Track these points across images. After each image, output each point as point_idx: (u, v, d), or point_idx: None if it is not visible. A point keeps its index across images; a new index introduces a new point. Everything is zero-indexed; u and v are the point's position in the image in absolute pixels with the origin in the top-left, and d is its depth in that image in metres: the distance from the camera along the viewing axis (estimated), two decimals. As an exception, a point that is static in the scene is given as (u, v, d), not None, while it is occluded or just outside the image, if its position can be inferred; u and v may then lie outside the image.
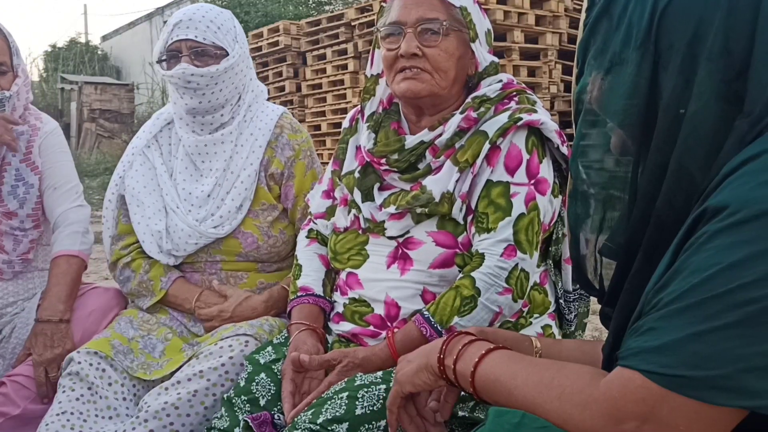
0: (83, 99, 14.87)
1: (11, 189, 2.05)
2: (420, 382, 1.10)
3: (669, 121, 0.81)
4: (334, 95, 8.54)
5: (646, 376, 0.74)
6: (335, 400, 1.34)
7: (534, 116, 1.52)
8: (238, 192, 1.89)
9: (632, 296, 0.83)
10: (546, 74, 7.44)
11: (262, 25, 11.03)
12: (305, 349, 1.53)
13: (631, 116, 0.85)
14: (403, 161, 1.57)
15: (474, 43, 1.56)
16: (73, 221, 2.09)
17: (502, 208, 1.48)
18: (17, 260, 2.08)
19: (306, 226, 1.84)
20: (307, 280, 1.71)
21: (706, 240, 0.73)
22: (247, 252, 1.90)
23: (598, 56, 0.89)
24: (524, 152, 1.51)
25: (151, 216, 1.91)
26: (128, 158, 2.01)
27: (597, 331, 3.29)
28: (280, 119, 1.97)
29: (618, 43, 0.86)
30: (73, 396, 1.67)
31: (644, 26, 0.83)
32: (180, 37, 1.83)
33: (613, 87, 0.86)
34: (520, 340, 1.18)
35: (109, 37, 24.87)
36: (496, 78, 1.61)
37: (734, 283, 0.70)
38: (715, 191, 0.75)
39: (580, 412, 0.81)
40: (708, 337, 0.71)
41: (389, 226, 1.56)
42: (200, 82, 1.83)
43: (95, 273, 4.78)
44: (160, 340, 1.86)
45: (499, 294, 1.44)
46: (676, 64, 0.81)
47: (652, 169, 0.83)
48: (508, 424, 1.04)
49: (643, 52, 0.83)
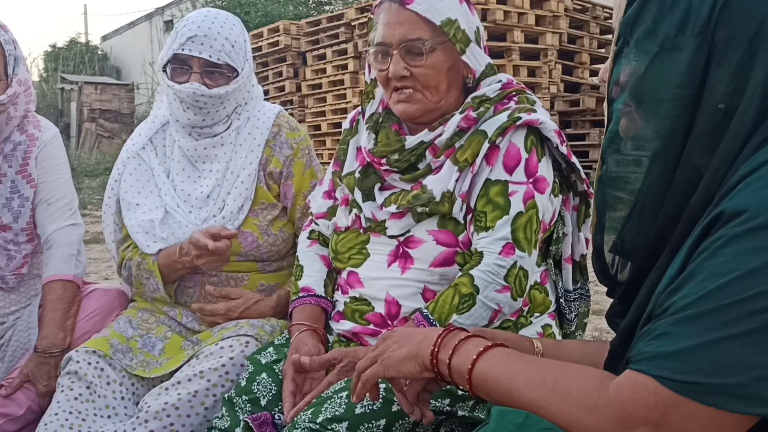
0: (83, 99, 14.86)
1: (6, 201, 1.98)
2: (405, 370, 1.06)
3: (713, 118, 0.78)
4: (334, 95, 8.54)
5: (660, 382, 0.73)
6: (335, 399, 1.34)
7: (533, 116, 1.51)
8: (239, 192, 1.88)
9: (649, 296, 0.81)
10: (546, 74, 7.44)
11: (262, 25, 11.03)
12: (306, 350, 1.53)
13: (678, 107, 0.80)
14: (403, 161, 1.57)
15: (465, 54, 1.54)
16: (67, 242, 2.03)
17: (500, 206, 1.48)
18: (10, 275, 2.02)
19: (307, 227, 1.84)
20: (309, 280, 1.71)
21: (723, 244, 0.71)
22: (248, 251, 1.89)
23: (645, 37, 0.83)
24: (523, 151, 1.51)
25: (145, 212, 1.89)
26: (123, 161, 1.98)
27: (597, 331, 3.29)
28: (277, 118, 1.96)
29: (672, 26, 0.81)
30: (71, 395, 1.66)
31: (705, 13, 0.78)
32: (193, 53, 1.79)
33: (662, 73, 0.81)
34: (520, 341, 1.17)
35: (109, 37, 24.87)
36: (496, 78, 1.61)
37: (753, 290, 0.69)
38: (731, 193, 0.74)
39: (588, 415, 0.79)
40: (725, 344, 0.69)
41: (390, 225, 1.56)
42: (208, 102, 1.82)
43: (95, 273, 4.78)
44: (160, 338, 1.85)
45: (497, 292, 1.44)
46: (735, 58, 0.77)
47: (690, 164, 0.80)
48: (511, 424, 1.02)
49: (701, 40, 0.78)
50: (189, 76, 1.81)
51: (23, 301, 2.07)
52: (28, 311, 2.04)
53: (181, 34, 1.80)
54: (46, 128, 2.09)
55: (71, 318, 1.96)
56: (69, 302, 1.97)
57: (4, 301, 2.04)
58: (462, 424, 1.40)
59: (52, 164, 2.06)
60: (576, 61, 7.93)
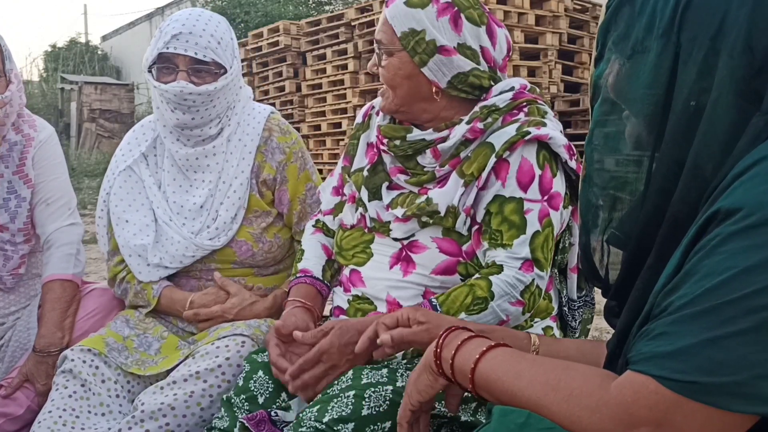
0: (83, 99, 14.87)
1: (3, 202, 1.97)
2: (422, 386, 1.08)
3: (684, 115, 0.80)
4: (334, 95, 8.53)
5: (660, 382, 0.73)
6: (341, 399, 1.33)
7: (542, 130, 1.48)
8: (231, 202, 1.85)
9: (642, 294, 0.82)
10: (546, 74, 7.44)
11: (262, 25, 11.03)
12: (293, 321, 1.55)
13: (648, 106, 0.83)
14: (400, 149, 1.57)
15: (426, 67, 1.51)
16: (66, 242, 2.02)
17: (516, 225, 1.47)
18: (8, 276, 2.02)
19: (314, 216, 1.85)
20: (308, 263, 1.74)
21: (719, 243, 0.71)
22: (242, 260, 1.88)
23: (619, 42, 0.87)
24: (536, 167, 1.48)
25: (136, 233, 1.87)
26: (113, 173, 1.94)
27: (597, 332, 3.29)
28: (267, 121, 1.92)
29: (641, 29, 0.84)
30: (65, 393, 1.66)
31: (668, 15, 0.81)
32: (178, 51, 1.75)
33: (634, 74, 0.85)
34: (518, 337, 1.18)
35: (109, 37, 24.88)
36: (509, 84, 1.57)
37: (749, 288, 0.69)
38: (726, 191, 0.74)
39: (590, 415, 0.79)
40: (723, 342, 0.69)
41: (394, 227, 1.56)
42: (197, 100, 1.77)
43: (95, 273, 4.78)
44: (156, 338, 1.84)
45: (511, 304, 1.44)
46: (698, 58, 0.79)
47: (666, 163, 0.82)
48: (513, 424, 1.02)
49: (665, 41, 0.81)
50: (175, 75, 1.77)
51: (22, 302, 2.07)
52: (28, 311, 2.04)
53: (165, 32, 1.76)
54: (42, 128, 2.07)
55: (70, 317, 1.95)
56: (68, 302, 1.96)
57: (4, 301, 2.04)
58: (463, 425, 1.39)
59: (50, 164, 2.05)
60: (576, 61, 7.93)
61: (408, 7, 1.50)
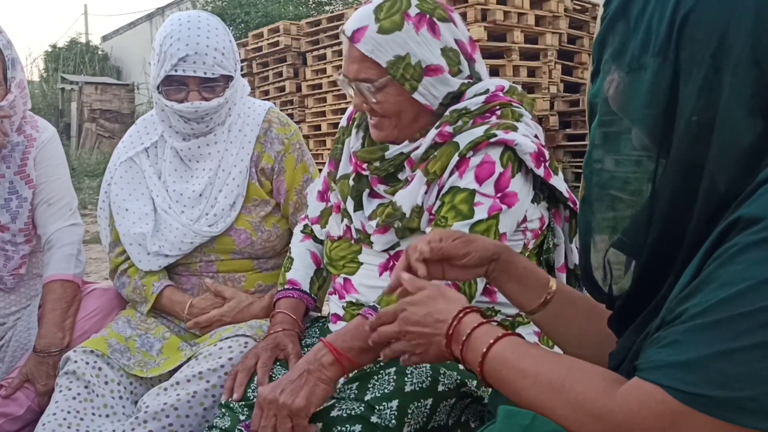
0: (83, 99, 14.88)
1: (4, 202, 1.98)
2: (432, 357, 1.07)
3: (688, 135, 0.77)
4: (334, 95, 8.53)
5: (668, 392, 0.71)
6: (382, 376, 1.31)
7: (510, 135, 1.43)
8: (230, 189, 1.88)
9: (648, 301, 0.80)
10: (546, 74, 7.43)
11: (262, 25, 11.03)
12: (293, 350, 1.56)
13: (648, 125, 0.81)
14: (382, 169, 1.56)
15: (417, 92, 1.47)
16: (67, 242, 2.02)
17: (462, 213, 1.42)
18: (8, 276, 2.02)
19: (303, 221, 1.85)
20: (297, 274, 1.75)
21: (737, 252, 0.70)
22: (242, 248, 1.89)
23: (616, 57, 0.84)
24: (498, 165, 1.44)
25: (135, 221, 1.89)
26: (114, 165, 1.98)
27: (598, 332, 3.28)
28: (267, 114, 1.96)
29: (636, 46, 0.81)
30: (69, 395, 1.66)
31: (664, 32, 0.77)
32: (188, 74, 1.77)
33: (632, 92, 0.82)
34: (537, 276, 1.16)
35: (109, 37, 24.84)
36: (483, 86, 1.53)
37: (766, 301, 0.67)
38: (748, 200, 0.72)
39: (594, 422, 0.78)
40: (736, 356, 0.68)
41: (375, 239, 1.56)
42: (209, 112, 1.82)
43: (95, 273, 4.77)
44: (158, 338, 1.85)
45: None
46: (699, 77, 0.75)
47: (672, 178, 0.79)
48: (518, 426, 1.01)
49: (662, 60, 0.78)
50: (186, 94, 1.81)
51: (23, 302, 2.07)
52: (28, 312, 2.04)
53: (170, 54, 1.77)
54: (44, 128, 2.07)
55: (70, 317, 1.95)
56: (68, 302, 1.96)
57: (4, 302, 2.04)
58: (475, 413, 1.39)
59: (51, 165, 2.05)
60: (576, 61, 7.93)
61: (384, 35, 1.45)
